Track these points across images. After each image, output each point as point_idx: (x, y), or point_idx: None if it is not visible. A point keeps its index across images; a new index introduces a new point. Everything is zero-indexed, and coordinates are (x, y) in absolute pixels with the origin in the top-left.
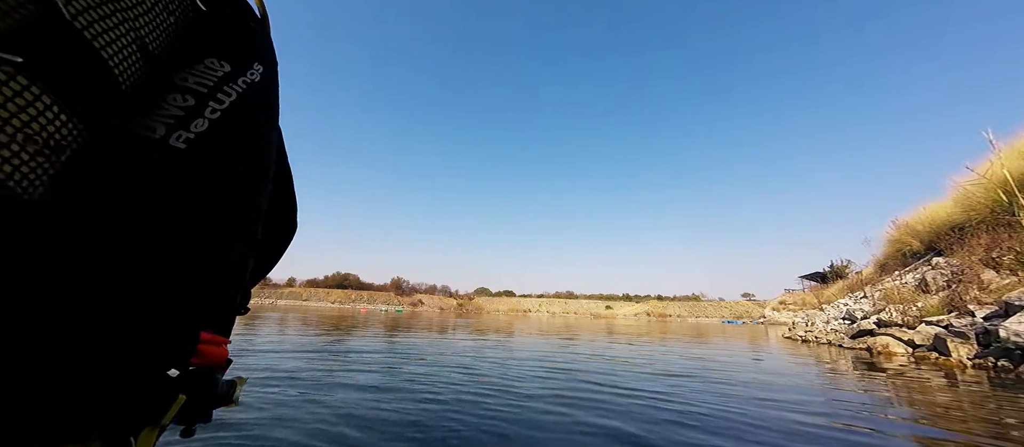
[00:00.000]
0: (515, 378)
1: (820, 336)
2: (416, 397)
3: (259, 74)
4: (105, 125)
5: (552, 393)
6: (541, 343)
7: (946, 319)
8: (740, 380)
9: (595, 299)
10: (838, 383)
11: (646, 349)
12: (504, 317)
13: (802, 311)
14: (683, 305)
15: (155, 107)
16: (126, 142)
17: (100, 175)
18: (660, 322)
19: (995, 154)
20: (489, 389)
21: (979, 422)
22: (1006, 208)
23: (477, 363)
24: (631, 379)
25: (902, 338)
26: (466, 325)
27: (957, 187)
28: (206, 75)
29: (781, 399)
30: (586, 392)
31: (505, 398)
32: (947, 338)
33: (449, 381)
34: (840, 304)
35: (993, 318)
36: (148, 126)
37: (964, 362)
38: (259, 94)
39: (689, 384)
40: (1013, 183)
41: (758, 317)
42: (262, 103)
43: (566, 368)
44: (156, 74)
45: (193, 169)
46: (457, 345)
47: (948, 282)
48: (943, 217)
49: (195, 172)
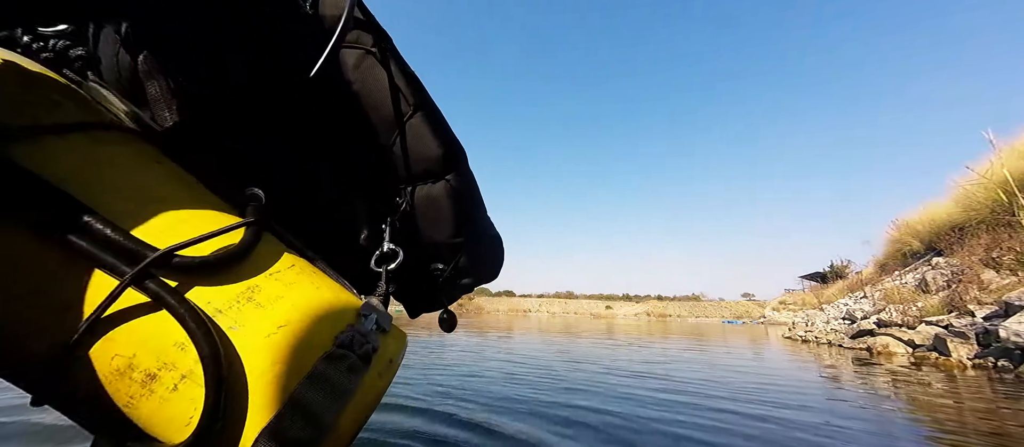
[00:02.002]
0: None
1: (820, 336)
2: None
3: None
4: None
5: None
6: (606, 348)
7: (946, 319)
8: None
9: (595, 299)
10: (839, 383)
11: (679, 351)
12: (505, 317)
13: (802, 311)
14: (683, 305)
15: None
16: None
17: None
18: (660, 322)
19: (995, 154)
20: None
21: (979, 422)
22: (1006, 208)
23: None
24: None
25: (902, 338)
26: (475, 325)
27: (957, 187)
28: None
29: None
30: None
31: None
32: (947, 338)
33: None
34: (840, 304)
35: (993, 318)
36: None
37: (964, 362)
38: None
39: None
40: (1013, 183)
41: (758, 317)
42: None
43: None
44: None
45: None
46: (489, 347)
47: (948, 282)
48: (943, 217)
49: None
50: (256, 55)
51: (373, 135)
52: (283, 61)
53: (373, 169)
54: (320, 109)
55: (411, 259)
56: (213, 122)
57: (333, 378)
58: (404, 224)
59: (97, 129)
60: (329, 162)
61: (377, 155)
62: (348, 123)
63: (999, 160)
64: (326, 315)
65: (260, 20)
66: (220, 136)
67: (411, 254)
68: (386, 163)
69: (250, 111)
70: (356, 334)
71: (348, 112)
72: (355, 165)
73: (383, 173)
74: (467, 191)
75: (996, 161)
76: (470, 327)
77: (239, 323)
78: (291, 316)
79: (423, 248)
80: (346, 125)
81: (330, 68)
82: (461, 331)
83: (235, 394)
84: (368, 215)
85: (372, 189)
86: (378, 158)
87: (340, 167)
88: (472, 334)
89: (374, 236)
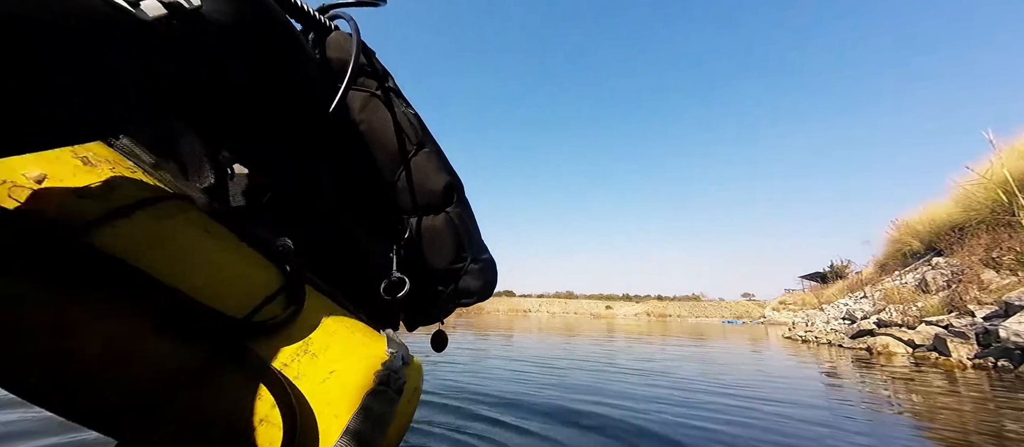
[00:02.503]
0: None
1: (820, 336)
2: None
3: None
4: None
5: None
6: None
7: (946, 319)
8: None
9: (595, 299)
10: (839, 382)
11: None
12: (505, 317)
13: (802, 311)
14: (683, 305)
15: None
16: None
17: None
18: (660, 322)
19: (995, 154)
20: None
21: (979, 422)
22: (1006, 208)
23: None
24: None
25: (902, 338)
26: (476, 325)
27: (957, 187)
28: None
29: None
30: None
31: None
32: (947, 338)
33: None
34: (840, 304)
35: (993, 318)
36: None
37: (964, 362)
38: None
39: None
40: (1013, 183)
41: (758, 317)
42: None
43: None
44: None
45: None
46: (496, 352)
47: (948, 282)
48: (943, 217)
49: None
50: (288, 95)
51: (379, 171)
52: (309, 100)
53: (375, 196)
54: (332, 142)
55: (416, 284)
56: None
57: (377, 410)
58: (408, 252)
59: (154, 203)
60: (329, 163)
61: (382, 189)
62: (358, 160)
63: (999, 160)
64: (363, 356)
65: (291, 65)
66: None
67: (416, 279)
68: (391, 197)
69: (260, 120)
70: (391, 372)
71: (358, 149)
72: (356, 176)
73: (387, 204)
74: (465, 221)
75: (996, 161)
76: (471, 327)
77: (301, 374)
78: (337, 364)
79: (425, 273)
80: (355, 161)
81: (340, 108)
82: (461, 331)
83: (305, 432)
84: (369, 236)
85: (374, 214)
86: (383, 192)
87: (340, 171)
88: (472, 334)
89: (378, 260)
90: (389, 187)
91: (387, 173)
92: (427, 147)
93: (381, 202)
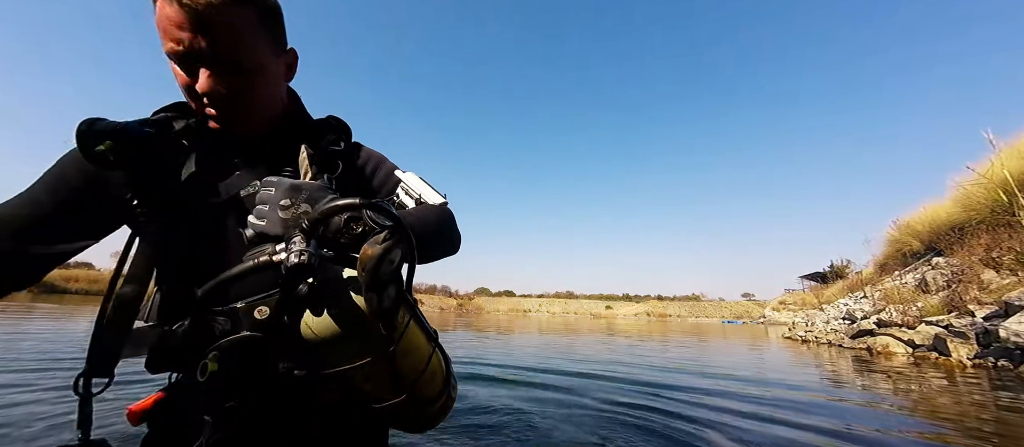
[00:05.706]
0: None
1: (820, 336)
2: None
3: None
4: None
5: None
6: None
7: (946, 319)
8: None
9: (595, 299)
10: (839, 382)
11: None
12: (505, 317)
13: (802, 311)
14: (683, 305)
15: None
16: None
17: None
18: (660, 322)
19: (995, 154)
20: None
21: (979, 422)
22: (1006, 208)
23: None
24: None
25: (902, 338)
26: (475, 325)
27: (957, 187)
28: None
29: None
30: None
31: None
32: (947, 338)
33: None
34: (840, 304)
35: (993, 318)
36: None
37: (964, 362)
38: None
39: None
40: (1013, 183)
41: (758, 317)
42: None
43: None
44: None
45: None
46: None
47: (948, 282)
48: (943, 217)
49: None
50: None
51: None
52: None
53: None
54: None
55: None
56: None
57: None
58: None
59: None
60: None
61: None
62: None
63: (999, 160)
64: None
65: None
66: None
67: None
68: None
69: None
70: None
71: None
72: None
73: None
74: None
75: (996, 161)
76: (470, 327)
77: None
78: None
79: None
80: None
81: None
82: (462, 331)
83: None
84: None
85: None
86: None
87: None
88: (471, 335)
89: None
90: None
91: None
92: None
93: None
